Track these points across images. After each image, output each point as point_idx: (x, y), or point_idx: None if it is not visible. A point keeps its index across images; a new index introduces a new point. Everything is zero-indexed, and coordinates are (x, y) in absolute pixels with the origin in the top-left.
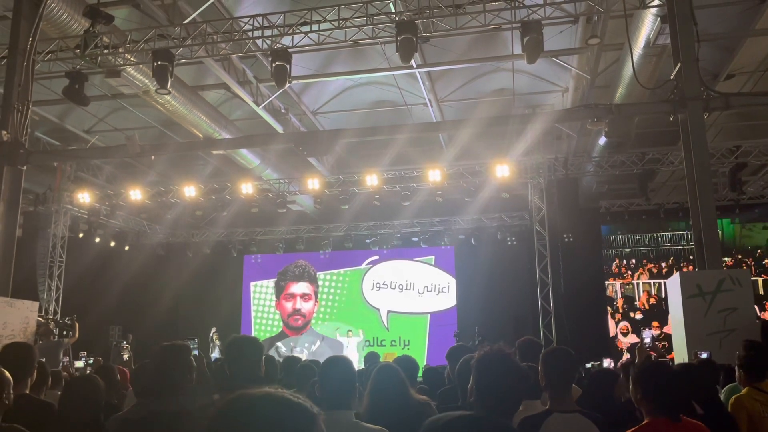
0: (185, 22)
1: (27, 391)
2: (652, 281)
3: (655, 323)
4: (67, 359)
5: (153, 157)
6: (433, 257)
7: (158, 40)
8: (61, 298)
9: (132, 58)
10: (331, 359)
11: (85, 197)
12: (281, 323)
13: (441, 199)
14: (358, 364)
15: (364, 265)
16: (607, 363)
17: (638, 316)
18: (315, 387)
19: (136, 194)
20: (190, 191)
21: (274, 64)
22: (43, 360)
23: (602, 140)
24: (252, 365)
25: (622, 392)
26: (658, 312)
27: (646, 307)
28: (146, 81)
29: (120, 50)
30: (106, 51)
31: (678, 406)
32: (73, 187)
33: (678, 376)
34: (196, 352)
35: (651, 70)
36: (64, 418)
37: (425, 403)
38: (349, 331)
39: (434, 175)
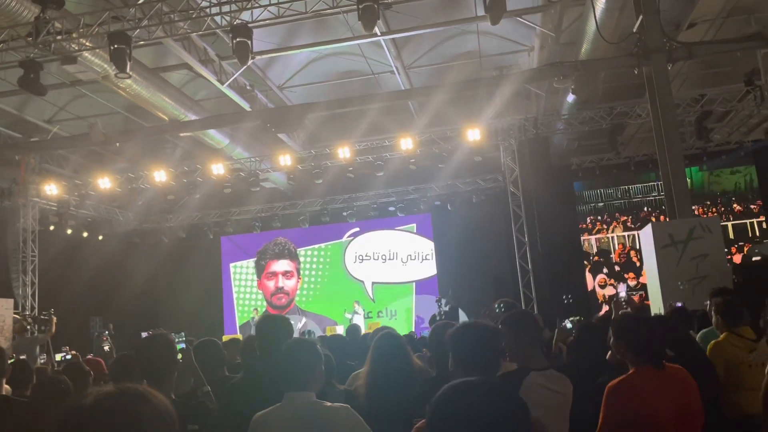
0: (140, 2)
1: (3, 393)
2: (626, 234)
3: (630, 274)
4: (44, 356)
5: (118, 144)
6: (415, 225)
7: (113, 23)
8: (37, 293)
9: (87, 43)
10: (292, 342)
11: (52, 189)
12: (264, 303)
13: (414, 167)
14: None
15: (345, 238)
16: (622, 288)
17: (615, 269)
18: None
19: (105, 182)
20: (160, 176)
21: (234, 41)
22: (24, 357)
23: (570, 97)
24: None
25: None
26: (633, 263)
27: (622, 260)
28: (105, 66)
29: (74, 35)
30: (59, 37)
31: (660, 354)
32: (38, 179)
33: (656, 324)
34: (182, 345)
35: (614, 24)
36: (36, 413)
37: (426, 369)
38: (356, 302)
39: (406, 143)
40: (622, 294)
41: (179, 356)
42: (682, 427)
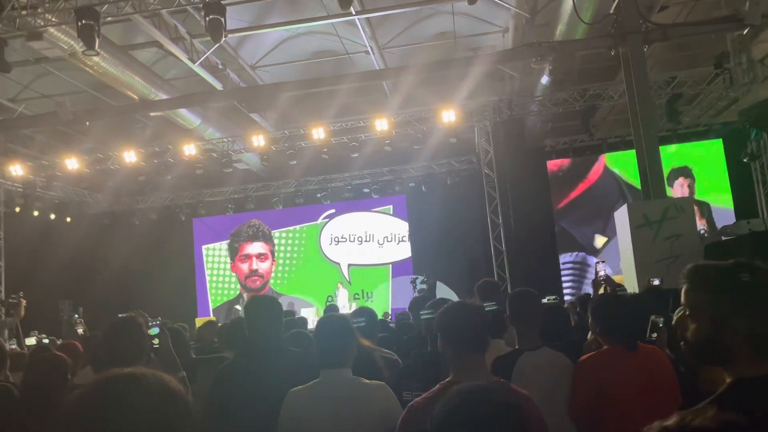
0: None
1: None
2: None
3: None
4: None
5: (87, 123)
6: (392, 207)
7: None
8: (3, 276)
9: (53, 19)
10: (325, 318)
11: (17, 169)
12: (238, 286)
13: (390, 149)
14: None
15: (320, 220)
16: (602, 267)
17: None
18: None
19: (72, 163)
20: (130, 156)
21: (207, 18)
22: None
23: (545, 79)
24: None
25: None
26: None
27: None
28: (72, 42)
29: (39, 10)
30: (24, 12)
31: (633, 335)
32: (3, 159)
33: (630, 306)
34: (156, 330)
35: (590, 5)
36: (27, 400)
37: (369, 348)
38: (339, 283)
39: (381, 124)
40: (602, 273)
41: (155, 342)
42: (652, 405)
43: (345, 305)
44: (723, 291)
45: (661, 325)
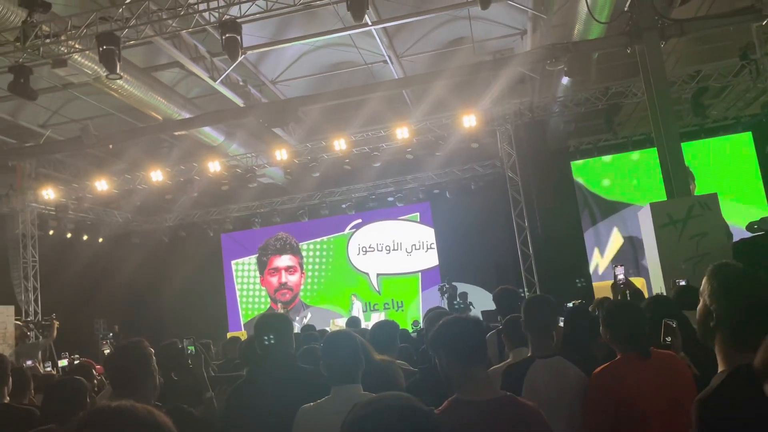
0: (127, 1)
1: (6, 400)
2: None
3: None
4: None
5: (111, 146)
6: (418, 214)
7: (101, 24)
8: (39, 298)
9: (76, 45)
10: (333, 335)
11: (49, 193)
12: (268, 299)
13: (411, 156)
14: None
15: (347, 230)
16: (620, 270)
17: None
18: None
19: (102, 185)
20: (157, 176)
21: (224, 37)
22: (29, 364)
23: (565, 80)
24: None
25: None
26: None
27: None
28: (95, 67)
29: (62, 38)
30: (48, 40)
31: (647, 342)
32: (35, 184)
33: (643, 313)
34: (192, 348)
35: (606, 3)
36: (47, 422)
37: (389, 362)
38: (353, 295)
39: (402, 132)
40: (621, 276)
41: (189, 362)
42: (673, 418)
43: (361, 318)
44: (709, 281)
45: (674, 326)
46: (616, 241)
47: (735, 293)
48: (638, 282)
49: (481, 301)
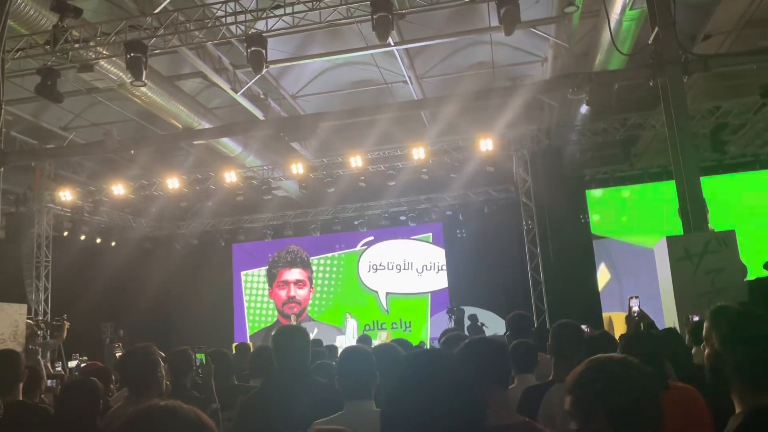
0: (156, 11)
1: (20, 398)
2: None
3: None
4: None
5: (132, 152)
6: (431, 234)
7: (130, 32)
8: (50, 299)
9: (104, 51)
10: (348, 350)
11: (66, 195)
12: (276, 312)
13: (426, 177)
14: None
15: (359, 247)
16: (635, 303)
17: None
18: (335, 379)
19: (118, 189)
20: (173, 183)
21: (249, 50)
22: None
23: (584, 108)
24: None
25: None
26: None
27: None
28: (120, 74)
29: (91, 44)
30: (77, 45)
31: (666, 374)
32: (54, 185)
33: (663, 343)
34: (203, 358)
35: (629, 35)
36: (61, 421)
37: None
38: (348, 313)
39: (418, 153)
40: (635, 308)
41: (199, 371)
42: None
43: (353, 336)
44: (715, 326)
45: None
46: (602, 276)
47: (748, 336)
48: (620, 317)
49: (490, 324)
